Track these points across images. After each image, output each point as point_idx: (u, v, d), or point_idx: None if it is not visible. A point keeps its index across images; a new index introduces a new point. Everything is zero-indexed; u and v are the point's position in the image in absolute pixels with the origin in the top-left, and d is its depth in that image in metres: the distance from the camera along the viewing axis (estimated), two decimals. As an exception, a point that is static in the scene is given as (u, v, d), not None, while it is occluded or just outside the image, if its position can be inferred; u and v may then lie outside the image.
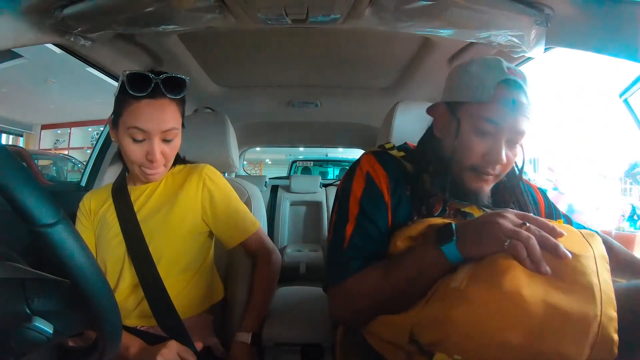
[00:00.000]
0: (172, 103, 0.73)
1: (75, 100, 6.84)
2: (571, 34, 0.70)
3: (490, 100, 0.60)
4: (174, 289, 0.76)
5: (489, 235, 0.48)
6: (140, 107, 0.69)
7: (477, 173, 0.63)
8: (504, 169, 0.64)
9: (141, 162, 0.73)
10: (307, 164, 5.23)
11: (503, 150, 0.61)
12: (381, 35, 0.93)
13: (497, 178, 0.65)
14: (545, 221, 0.48)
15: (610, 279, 0.45)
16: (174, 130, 0.73)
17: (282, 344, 0.87)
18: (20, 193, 0.32)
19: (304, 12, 0.72)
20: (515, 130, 0.60)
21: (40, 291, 0.40)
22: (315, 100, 1.57)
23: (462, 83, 0.64)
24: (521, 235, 0.45)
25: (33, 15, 0.69)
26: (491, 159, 0.61)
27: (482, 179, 0.63)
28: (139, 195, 0.81)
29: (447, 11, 0.68)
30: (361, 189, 0.66)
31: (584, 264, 0.44)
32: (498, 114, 0.60)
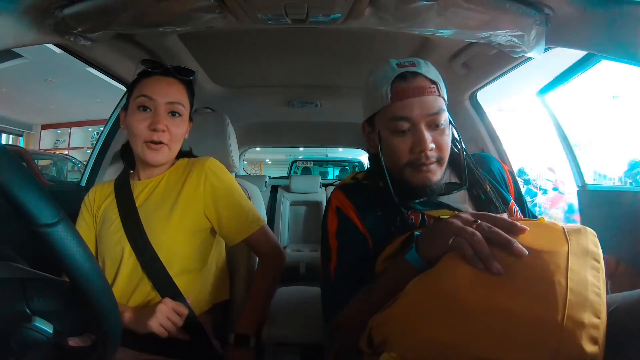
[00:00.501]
0: (180, 83, 0.78)
1: (75, 100, 6.84)
2: (571, 34, 0.70)
3: (392, 100, 0.62)
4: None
5: (438, 236, 0.47)
6: (151, 81, 0.76)
7: (414, 167, 0.63)
8: (441, 152, 0.64)
9: (146, 136, 0.74)
10: (307, 164, 5.23)
11: (426, 136, 0.61)
12: (381, 35, 0.93)
13: (441, 164, 0.65)
14: (504, 218, 0.45)
15: (596, 278, 0.39)
16: (179, 105, 0.77)
17: (282, 344, 0.87)
18: (21, 193, 0.32)
19: (304, 12, 0.72)
20: (426, 113, 0.61)
21: (40, 291, 0.40)
22: (315, 100, 1.57)
23: (367, 98, 0.68)
24: (465, 232, 0.43)
25: (33, 15, 0.69)
26: (418, 149, 0.62)
27: (422, 170, 0.63)
28: (141, 190, 0.80)
29: (447, 11, 0.68)
30: (335, 225, 0.69)
31: (546, 260, 0.39)
32: (403, 109, 0.62)
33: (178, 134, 0.78)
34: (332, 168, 5.62)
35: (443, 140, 0.63)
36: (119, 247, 0.75)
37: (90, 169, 1.18)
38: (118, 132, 1.20)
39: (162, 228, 0.76)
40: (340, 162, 5.70)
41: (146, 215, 0.77)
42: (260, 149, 9.96)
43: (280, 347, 0.87)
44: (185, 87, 0.80)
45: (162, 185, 0.81)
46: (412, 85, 0.62)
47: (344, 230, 0.68)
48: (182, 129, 0.79)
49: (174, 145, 0.79)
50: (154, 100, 0.74)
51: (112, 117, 1.22)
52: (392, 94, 0.62)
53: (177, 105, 0.77)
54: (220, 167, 0.83)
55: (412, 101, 0.61)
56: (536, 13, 0.68)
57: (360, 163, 4.64)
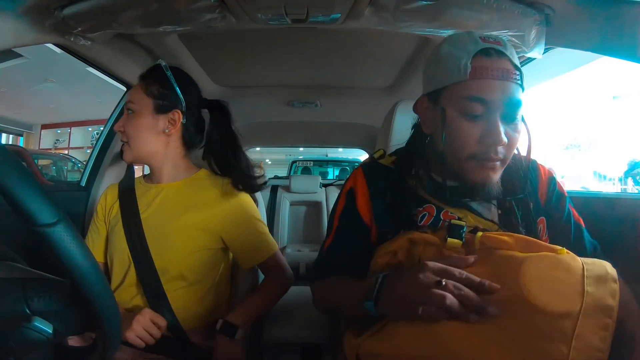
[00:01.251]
0: (139, 84, 0.81)
1: (75, 100, 6.84)
2: (571, 34, 0.70)
3: (470, 77, 0.53)
4: (177, 302, 0.76)
5: (402, 301, 0.45)
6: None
7: (478, 162, 0.55)
8: (509, 150, 0.55)
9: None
10: (307, 164, 5.23)
11: (501, 128, 0.53)
12: (381, 35, 0.93)
13: (505, 163, 0.56)
14: (470, 277, 0.42)
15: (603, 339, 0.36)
16: (130, 104, 0.79)
17: (282, 344, 0.87)
18: (20, 193, 0.32)
19: (304, 12, 0.72)
20: (506, 101, 0.53)
21: (40, 291, 0.40)
22: (315, 100, 1.57)
23: (437, 68, 0.58)
24: (434, 298, 0.41)
25: (33, 15, 0.69)
26: (489, 141, 0.53)
27: (486, 166, 0.55)
28: (153, 194, 0.82)
29: (447, 11, 0.68)
30: (342, 207, 0.67)
31: (551, 323, 0.36)
32: (482, 89, 0.53)
33: (132, 132, 0.78)
34: (332, 168, 5.62)
35: (515, 137, 0.55)
36: (124, 255, 0.77)
37: (90, 169, 1.18)
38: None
39: (169, 237, 0.76)
40: (340, 162, 5.70)
41: (154, 221, 0.78)
42: (260, 149, 9.95)
43: (280, 347, 0.87)
44: (143, 86, 0.80)
45: (174, 193, 0.81)
46: (496, 65, 0.52)
47: (346, 216, 0.65)
48: (138, 125, 0.78)
49: (132, 143, 0.79)
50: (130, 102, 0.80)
51: (112, 117, 1.22)
52: (472, 69, 0.52)
53: (128, 104, 0.80)
54: (249, 200, 0.84)
55: (493, 83, 0.52)
56: (536, 13, 0.68)
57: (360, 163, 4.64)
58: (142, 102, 0.79)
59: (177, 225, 0.77)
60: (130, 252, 0.76)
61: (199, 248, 0.78)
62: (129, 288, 0.76)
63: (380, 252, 0.58)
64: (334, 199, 2.37)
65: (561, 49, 0.76)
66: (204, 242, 0.78)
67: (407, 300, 0.44)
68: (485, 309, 0.39)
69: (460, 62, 0.53)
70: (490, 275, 0.42)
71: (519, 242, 0.46)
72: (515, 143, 0.57)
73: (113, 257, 0.79)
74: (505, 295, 0.40)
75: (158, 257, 0.75)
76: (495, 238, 0.48)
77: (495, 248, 0.47)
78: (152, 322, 0.70)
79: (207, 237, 0.79)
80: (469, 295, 0.41)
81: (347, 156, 6.51)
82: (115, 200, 0.83)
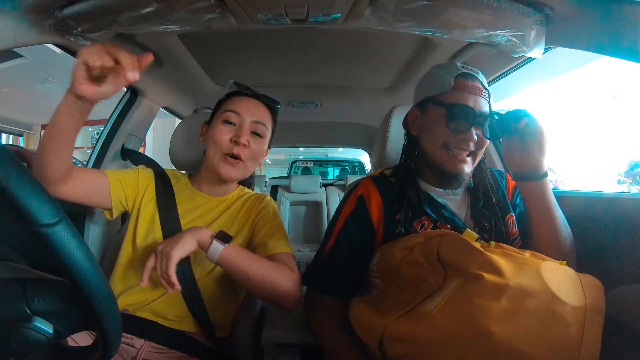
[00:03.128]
0: (268, 109, 0.86)
1: (75, 100, 6.84)
2: (571, 34, 0.70)
3: (451, 89, 0.70)
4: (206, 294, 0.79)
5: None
6: (240, 100, 0.85)
7: (450, 150, 0.70)
8: (477, 147, 0.70)
9: (227, 148, 0.80)
10: (307, 164, 5.23)
11: (472, 131, 0.68)
12: (381, 35, 0.93)
13: (474, 159, 0.71)
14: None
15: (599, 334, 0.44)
16: (262, 126, 0.84)
17: (282, 345, 0.87)
18: (21, 193, 0.32)
19: (304, 12, 0.72)
20: (480, 110, 0.69)
21: (40, 291, 0.40)
22: (315, 100, 1.57)
23: (427, 84, 0.76)
24: None
25: (33, 15, 0.69)
26: (461, 135, 0.68)
27: (458, 158, 0.69)
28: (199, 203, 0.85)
29: (447, 11, 0.68)
30: (350, 209, 0.74)
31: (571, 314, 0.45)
32: (462, 98, 0.69)
33: (258, 153, 0.82)
34: (332, 168, 5.62)
35: (483, 140, 0.70)
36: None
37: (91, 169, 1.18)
38: (118, 132, 1.20)
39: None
40: (340, 162, 5.70)
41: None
42: (260, 149, 9.93)
43: (280, 347, 0.87)
44: (272, 113, 0.85)
45: (227, 209, 0.85)
46: (471, 84, 0.71)
47: (356, 216, 0.72)
48: (263, 149, 0.83)
49: (253, 164, 0.83)
50: (240, 115, 0.79)
51: (112, 117, 1.22)
52: (454, 84, 0.71)
53: (261, 126, 0.81)
54: (274, 204, 0.88)
55: (468, 95, 0.70)
56: (536, 13, 0.68)
57: (360, 163, 4.64)
58: (268, 128, 0.84)
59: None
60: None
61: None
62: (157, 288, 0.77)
63: (398, 246, 0.63)
64: (334, 199, 2.38)
65: (561, 49, 0.76)
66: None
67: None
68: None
69: (445, 79, 0.72)
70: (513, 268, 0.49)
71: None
72: (483, 144, 0.71)
73: (141, 243, 0.78)
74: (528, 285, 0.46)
75: (200, 260, 0.78)
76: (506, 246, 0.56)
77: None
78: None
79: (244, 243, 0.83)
80: None
81: (347, 156, 6.51)
82: (148, 184, 0.84)
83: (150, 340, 0.74)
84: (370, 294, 0.66)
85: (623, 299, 0.56)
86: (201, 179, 0.87)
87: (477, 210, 0.74)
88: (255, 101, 0.83)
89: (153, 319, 0.76)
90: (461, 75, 0.71)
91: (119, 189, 0.80)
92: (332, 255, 0.73)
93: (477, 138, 0.69)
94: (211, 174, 0.83)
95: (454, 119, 0.69)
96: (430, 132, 0.72)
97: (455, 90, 0.70)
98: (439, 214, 0.72)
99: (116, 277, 0.80)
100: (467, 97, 0.70)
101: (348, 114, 1.79)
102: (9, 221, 0.37)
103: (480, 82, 0.72)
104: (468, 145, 0.69)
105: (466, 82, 0.71)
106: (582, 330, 0.44)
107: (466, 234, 0.56)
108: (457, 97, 0.70)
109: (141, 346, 0.73)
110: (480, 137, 0.70)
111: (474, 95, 0.70)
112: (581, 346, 0.43)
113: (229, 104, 0.81)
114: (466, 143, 0.69)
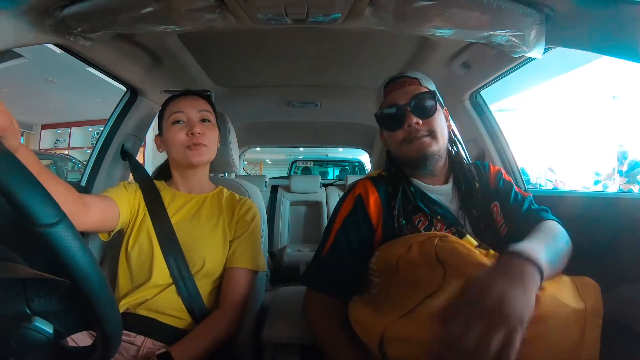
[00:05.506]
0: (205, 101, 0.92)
1: (75, 100, 6.83)
2: (571, 34, 0.70)
3: (383, 97, 0.80)
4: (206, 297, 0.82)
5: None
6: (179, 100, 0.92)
7: (408, 142, 0.75)
8: (430, 126, 0.75)
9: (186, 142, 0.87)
10: (307, 164, 5.23)
11: (412, 117, 0.74)
12: (381, 35, 0.93)
13: (434, 137, 0.75)
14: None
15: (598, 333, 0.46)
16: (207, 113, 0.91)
17: (282, 345, 0.87)
18: (21, 193, 0.32)
19: (304, 12, 0.72)
20: (409, 97, 0.75)
21: (40, 291, 0.40)
22: (315, 100, 1.57)
23: (375, 109, 0.84)
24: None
25: (33, 15, 0.69)
26: (406, 125, 0.75)
27: (416, 143, 0.74)
28: (181, 202, 0.89)
29: (447, 11, 0.68)
30: (348, 209, 0.76)
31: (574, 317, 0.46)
32: (390, 99, 0.78)
33: (211, 138, 0.88)
34: (332, 168, 5.62)
35: (429, 120, 0.75)
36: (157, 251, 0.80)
37: (90, 169, 1.18)
38: (118, 132, 1.20)
39: (199, 240, 0.83)
40: (340, 162, 5.69)
41: (184, 226, 0.84)
42: (260, 149, 9.95)
43: (280, 347, 0.87)
44: (208, 103, 0.92)
45: (207, 204, 0.90)
46: (396, 83, 0.79)
47: (355, 215, 0.74)
48: (214, 134, 0.90)
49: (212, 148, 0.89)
50: (185, 112, 0.86)
51: (112, 117, 1.22)
52: (384, 92, 0.80)
53: (206, 113, 0.88)
54: (255, 210, 0.93)
55: (395, 93, 0.77)
56: (536, 13, 0.68)
57: (360, 163, 4.64)
58: (212, 112, 0.91)
59: (207, 232, 0.85)
60: (161, 249, 0.80)
61: (222, 248, 0.85)
62: (156, 286, 0.79)
63: (396, 244, 0.65)
64: (334, 199, 2.39)
65: (561, 49, 0.76)
66: (225, 244, 0.86)
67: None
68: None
69: (379, 93, 0.83)
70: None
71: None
72: (435, 122, 0.75)
73: (137, 253, 0.80)
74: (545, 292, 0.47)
75: (189, 257, 0.81)
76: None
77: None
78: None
79: (227, 241, 0.86)
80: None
81: (347, 156, 6.50)
82: (137, 196, 0.87)
83: (150, 337, 0.74)
84: (370, 293, 0.67)
85: (623, 299, 0.56)
86: (177, 181, 0.92)
87: (465, 202, 0.77)
88: (192, 96, 0.90)
89: (153, 317, 0.77)
90: (389, 82, 0.81)
91: (126, 209, 0.82)
92: (330, 255, 0.74)
93: (420, 120, 0.75)
94: (181, 167, 0.90)
95: (386, 121, 0.79)
96: (390, 139, 0.80)
97: (385, 96, 0.80)
98: (433, 210, 0.74)
99: (117, 281, 0.82)
100: (395, 94, 0.77)
101: (348, 114, 1.79)
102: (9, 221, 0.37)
103: (406, 77, 0.80)
104: (417, 131, 0.74)
105: (393, 84, 0.80)
106: (583, 332, 0.44)
107: (466, 240, 0.56)
108: (388, 100, 0.79)
109: (142, 343, 0.74)
110: (426, 120, 0.75)
111: (400, 89, 0.77)
112: (582, 348, 0.43)
113: (171, 108, 0.87)
114: (414, 129, 0.74)
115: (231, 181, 1.11)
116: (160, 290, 0.78)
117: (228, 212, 0.89)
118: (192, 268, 0.80)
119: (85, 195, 0.73)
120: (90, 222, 0.72)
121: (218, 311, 0.80)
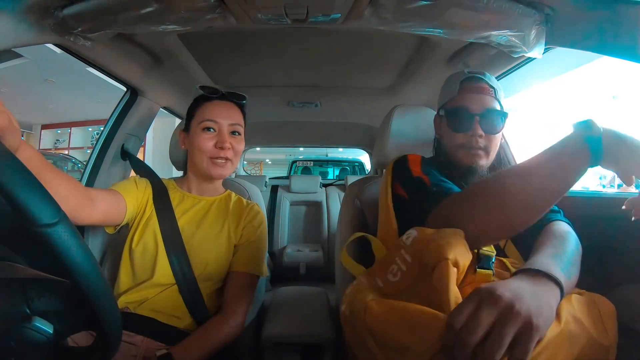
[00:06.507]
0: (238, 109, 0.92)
1: (75, 100, 6.83)
2: (571, 34, 0.70)
3: (457, 93, 0.78)
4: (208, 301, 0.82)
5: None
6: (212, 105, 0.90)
7: (465, 149, 0.75)
8: (489, 143, 0.75)
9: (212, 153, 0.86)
10: (307, 164, 5.23)
11: (479, 129, 0.74)
12: (381, 35, 0.93)
13: (487, 153, 0.76)
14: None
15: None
16: (238, 126, 0.89)
17: (282, 344, 0.87)
18: (21, 193, 0.32)
19: (304, 12, 0.72)
20: (483, 108, 0.74)
21: (40, 291, 0.40)
22: (315, 100, 1.57)
23: (441, 92, 0.84)
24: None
25: (33, 15, 0.69)
26: (470, 133, 0.74)
27: (471, 153, 0.75)
28: (190, 204, 0.88)
29: (447, 11, 0.68)
30: (418, 165, 0.73)
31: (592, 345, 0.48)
32: (464, 100, 0.76)
33: (239, 148, 0.88)
34: (332, 168, 5.62)
35: (493, 135, 0.76)
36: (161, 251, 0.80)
37: (90, 169, 1.18)
38: (118, 132, 1.20)
39: (211, 245, 0.84)
40: (340, 162, 5.69)
41: (190, 228, 0.84)
42: (260, 149, 9.94)
43: (280, 346, 0.87)
44: (241, 111, 0.90)
45: (214, 208, 0.89)
46: (475, 85, 0.77)
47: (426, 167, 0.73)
48: (241, 147, 0.89)
49: (236, 161, 0.88)
50: (217, 122, 0.84)
51: (112, 117, 1.22)
52: (460, 88, 0.78)
53: (237, 127, 0.87)
54: (262, 216, 0.94)
55: (472, 95, 0.76)
56: (536, 13, 0.68)
57: (360, 163, 4.64)
58: (242, 124, 0.90)
59: (211, 235, 0.85)
60: (166, 249, 0.80)
61: (226, 253, 0.85)
62: (157, 285, 0.79)
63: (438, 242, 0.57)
64: (334, 199, 2.38)
65: (561, 49, 0.76)
66: (229, 248, 0.86)
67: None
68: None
69: (452, 85, 0.79)
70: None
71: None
72: (491, 140, 0.76)
73: (141, 250, 0.80)
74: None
75: (193, 260, 0.81)
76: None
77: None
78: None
79: (230, 245, 0.87)
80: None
81: (347, 156, 6.50)
82: (147, 192, 0.86)
83: (149, 337, 0.75)
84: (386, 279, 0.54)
85: (623, 299, 0.56)
86: (190, 181, 0.91)
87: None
88: (226, 103, 0.87)
89: (153, 317, 0.77)
90: (466, 79, 0.78)
91: (133, 204, 0.82)
92: (435, 183, 0.67)
93: (485, 134, 0.74)
94: (199, 175, 0.89)
95: (455, 120, 0.77)
96: (447, 135, 0.79)
97: (460, 93, 0.78)
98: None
99: (118, 277, 0.81)
100: (471, 97, 0.76)
101: (348, 114, 1.79)
102: (9, 221, 0.37)
103: (486, 82, 0.77)
104: (477, 142, 0.74)
105: (470, 85, 0.77)
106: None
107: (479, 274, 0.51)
108: (462, 99, 0.77)
109: (141, 343, 0.74)
110: (490, 134, 0.75)
111: (478, 94, 0.76)
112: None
113: (204, 113, 0.85)
114: (475, 140, 0.74)
115: (231, 181, 1.11)
116: (161, 290, 0.78)
117: (234, 217, 0.89)
118: (194, 270, 0.80)
119: (92, 189, 0.74)
120: (95, 215, 0.72)
121: (220, 316, 0.80)
